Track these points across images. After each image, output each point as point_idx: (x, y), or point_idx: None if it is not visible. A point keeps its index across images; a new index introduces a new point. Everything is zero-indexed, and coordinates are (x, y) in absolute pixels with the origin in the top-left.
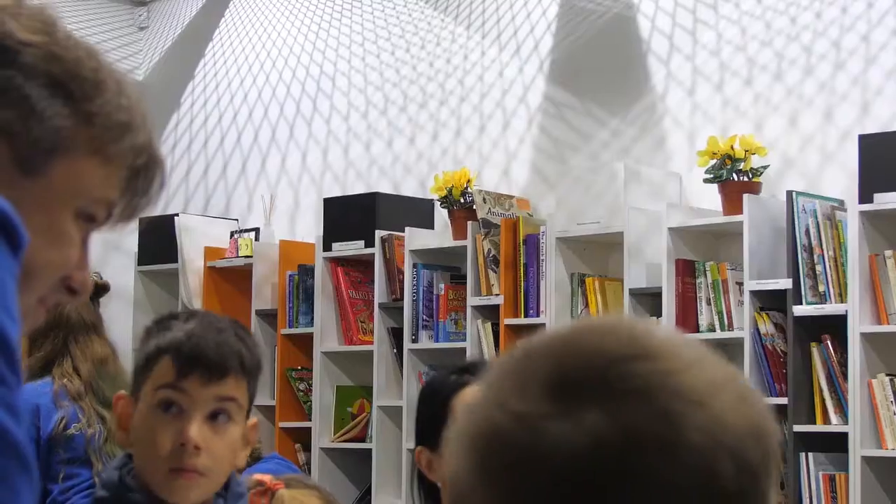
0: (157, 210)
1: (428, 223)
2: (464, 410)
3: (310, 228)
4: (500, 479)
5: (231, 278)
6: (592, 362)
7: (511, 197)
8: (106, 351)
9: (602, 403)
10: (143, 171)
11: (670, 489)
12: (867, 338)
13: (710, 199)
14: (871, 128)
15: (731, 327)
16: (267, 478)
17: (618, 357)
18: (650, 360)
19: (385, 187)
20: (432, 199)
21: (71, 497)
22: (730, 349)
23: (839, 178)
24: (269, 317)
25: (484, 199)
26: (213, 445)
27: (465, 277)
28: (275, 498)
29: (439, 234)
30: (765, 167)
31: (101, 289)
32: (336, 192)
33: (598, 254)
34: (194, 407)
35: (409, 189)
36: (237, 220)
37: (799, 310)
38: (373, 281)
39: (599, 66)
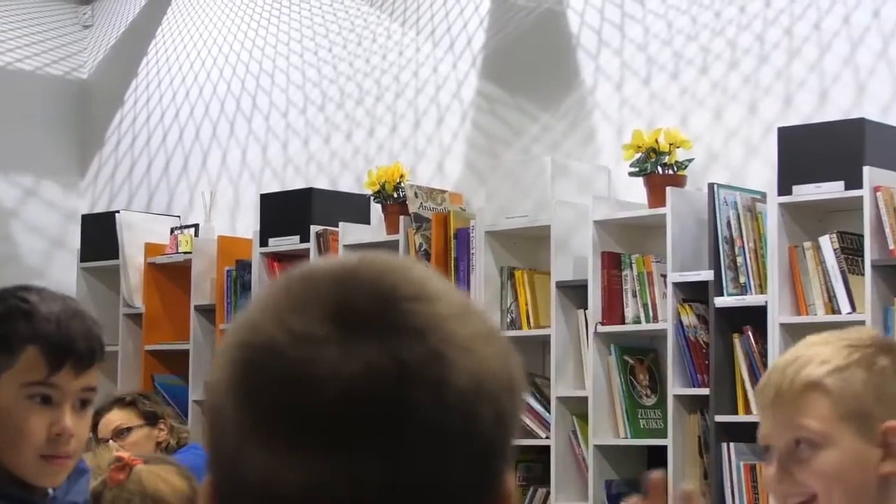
0: (100, 207)
1: (364, 218)
2: (235, 325)
3: (250, 224)
4: (264, 394)
5: (171, 274)
6: (377, 296)
7: (444, 191)
8: None
9: (381, 336)
10: None
11: (435, 428)
12: (787, 328)
13: (637, 192)
14: (794, 120)
15: (656, 319)
16: (125, 454)
17: (401, 295)
18: (428, 303)
19: (323, 183)
20: (368, 195)
21: None
22: (656, 341)
23: (762, 170)
24: (207, 312)
25: (416, 194)
26: (79, 430)
27: None
28: (132, 472)
29: (374, 229)
30: (689, 160)
31: None
32: (275, 188)
33: (528, 247)
34: (65, 399)
35: (346, 184)
36: (179, 216)
37: (720, 301)
38: None
39: (530, 61)
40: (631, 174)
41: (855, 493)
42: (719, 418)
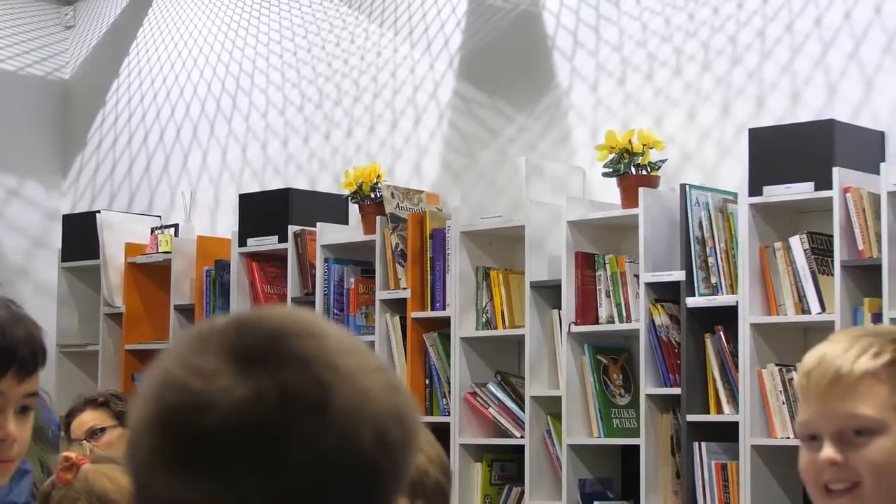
0: (82, 207)
1: (342, 218)
2: (151, 369)
3: (230, 224)
4: (168, 424)
5: (151, 274)
6: (268, 333)
7: (420, 192)
8: None
9: (269, 367)
10: None
11: (319, 446)
12: (757, 328)
13: (612, 193)
14: (767, 121)
15: (629, 319)
16: (73, 454)
17: (290, 331)
18: (316, 339)
19: (302, 183)
20: (346, 195)
21: None
22: (629, 341)
23: (735, 171)
24: (187, 312)
25: (392, 194)
26: (22, 434)
27: (375, 272)
28: (80, 472)
29: (352, 230)
30: (663, 161)
31: None
32: (255, 188)
33: (503, 247)
34: (8, 405)
35: (325, 185)
36: (160, 216)
37: (692, 301)
38: (287, 276)
39: (507, 62)
40: (604, 175)
41: None
42: (691, 418)
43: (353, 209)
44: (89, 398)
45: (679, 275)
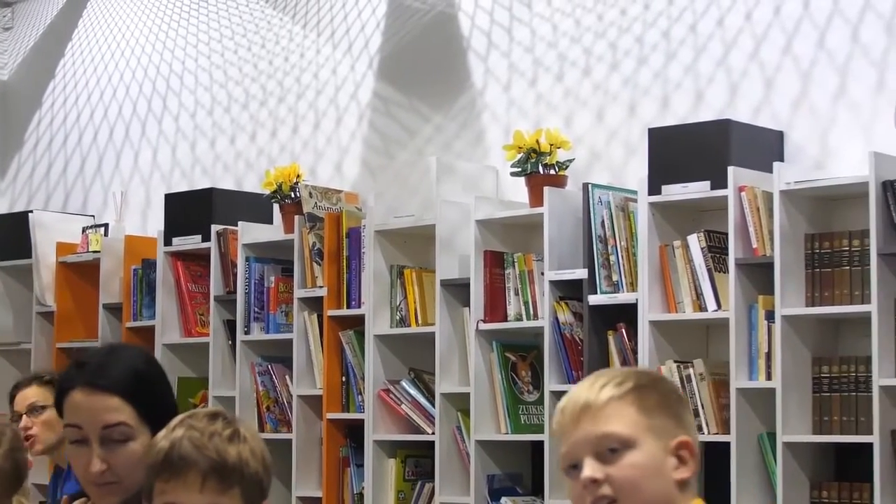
0: (20, 206)
1: (268, 218)
2: None
3: (160, 224)
4: None
5: (82, 273)
6: None
7: (339, 191)
8: None
9: None
10: None
11: None
12: (657, 326)
13: (524, 192)
14: (671, 121)
15: (536, 317)
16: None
17: None
18: None
19: (228, 183)
20: (268, 195)
21: None
22: (539, 338)
23: (640, 170)
24: (115, 310)
25: (310, 194)
26: None
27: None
28: None
29: (274, 229)
30: (570, 160)
31: None
32: (184, 188)
33: (417, 246)
34: None
35: (251, 184)
36: (93, 216)
37: (594, 299)
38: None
39: (424, 62)
40: (512, 174)
41: (654, 495)
42: None
43: (278, 209)
44: (36, 374)
45: (582, 273)
